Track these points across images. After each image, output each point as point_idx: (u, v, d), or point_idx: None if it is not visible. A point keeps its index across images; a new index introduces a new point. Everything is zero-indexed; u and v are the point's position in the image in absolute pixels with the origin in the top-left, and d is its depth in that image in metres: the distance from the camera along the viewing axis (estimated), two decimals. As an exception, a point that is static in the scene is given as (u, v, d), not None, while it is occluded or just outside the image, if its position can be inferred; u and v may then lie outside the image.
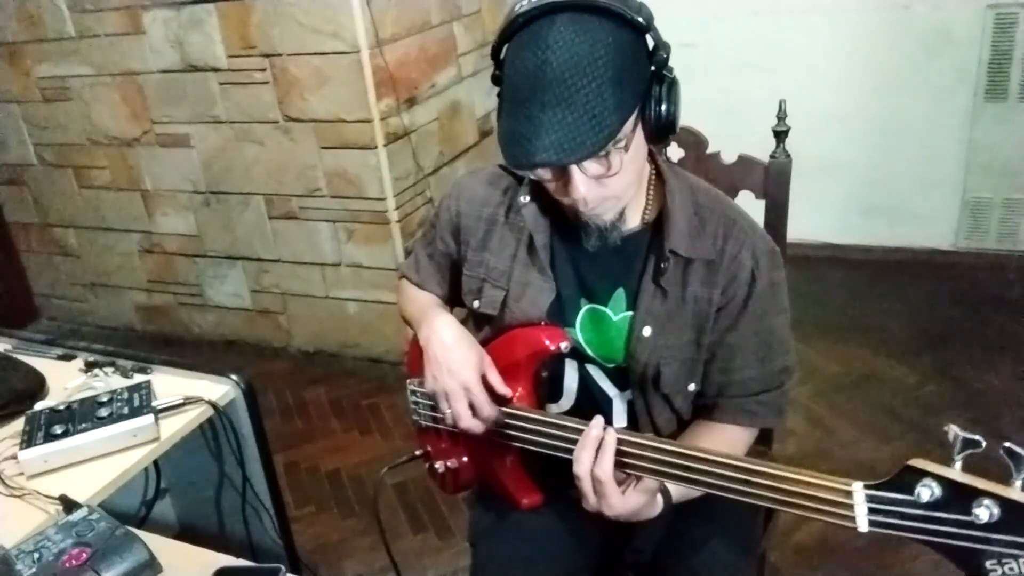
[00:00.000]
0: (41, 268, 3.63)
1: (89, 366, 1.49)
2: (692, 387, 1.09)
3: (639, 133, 0.93)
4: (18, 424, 1.30)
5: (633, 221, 1.06)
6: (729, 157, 1.34)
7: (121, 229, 3.30)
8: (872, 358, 2.69)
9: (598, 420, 0.94)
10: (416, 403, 1.24)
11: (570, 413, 1.14)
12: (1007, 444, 0.66)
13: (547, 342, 1.07)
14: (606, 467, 0.91)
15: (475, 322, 1.20)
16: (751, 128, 1.52)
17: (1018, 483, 0.67)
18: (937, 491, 0.70)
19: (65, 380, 1.45)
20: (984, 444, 0.68)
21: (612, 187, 0.94)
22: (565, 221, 1.08)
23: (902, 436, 2.32)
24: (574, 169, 0.91)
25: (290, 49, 2.60)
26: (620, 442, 0.91)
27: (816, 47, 3.17)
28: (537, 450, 1.04)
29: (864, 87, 3.16)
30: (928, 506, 0.70)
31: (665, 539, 1.13)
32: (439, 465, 1.23)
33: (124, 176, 3.15)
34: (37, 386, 1.43)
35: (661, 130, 0.93)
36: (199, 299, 3.29)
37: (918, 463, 0.71)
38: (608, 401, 1.14)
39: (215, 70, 2.75)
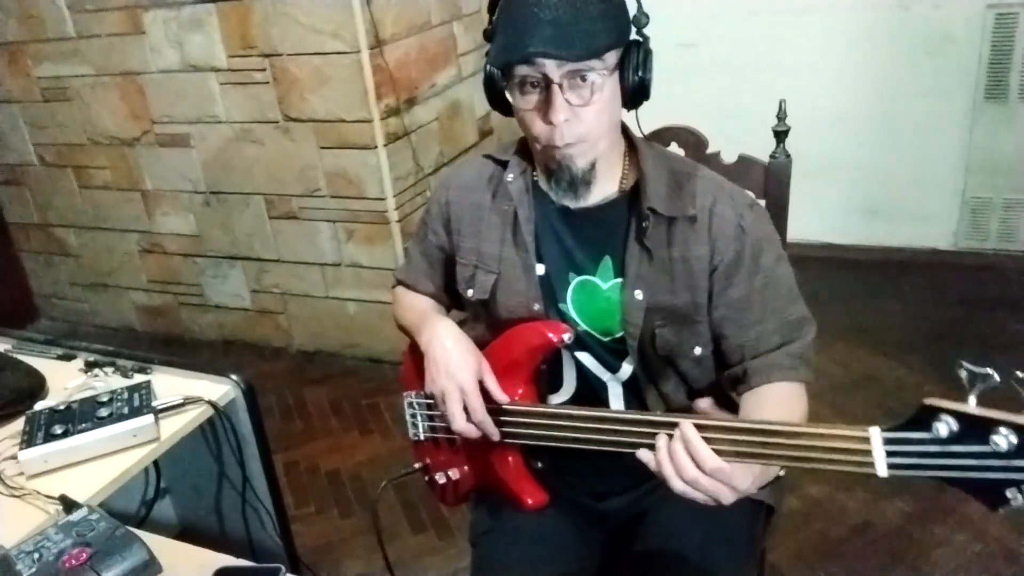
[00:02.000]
0: (41, 268, 3.63)
1: (89, 366, 1.49)
2: (698, 351, 1.08)
3: (617, 84, 0.99)
4: (18, 424, 1.30)
5: (610, 189, 1.08)
6: (729, 157, 1.34)
7: (121, 229, 3.30)
8: (872, 358, 2.69)
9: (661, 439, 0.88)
10: (413, 415, 1.25)
11: (571, 402, 1.15)
12: (1019, 373, 0.68)
13: (550, 335, 1.07)
14: (708, 456, 0.83)
15: (473, 316, 1.21)
16: (751, 128, 1.52)
17: None
18: (955, 426, 0.71)
19: (65, 380, 1.45)
20: (996, 376, 0.69)
21: (587, 122, 0.98)
22: (548, 199, 1.10)
23: (902, 436, 2.31)
24: (556, 92, 0.95)
25: (290, 49, 2.60)
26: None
27: (816, 47, 3.17)
28: (561, 446, 1.03)
29: (864, 87, 3.16)
30: (947, 441, 0.71)
31: (665, 540, 1.13)
32: (439, 476, 1.23)
33: (124, 176, 3.15)
34: (37, 386, 1.43)
35: (636, 93, 1.00)
36: (199, 299, 3.29)
37: (933, 401, 0.72)
38: (603, 386, 1.14)
39: (215, 70, 2.75)
